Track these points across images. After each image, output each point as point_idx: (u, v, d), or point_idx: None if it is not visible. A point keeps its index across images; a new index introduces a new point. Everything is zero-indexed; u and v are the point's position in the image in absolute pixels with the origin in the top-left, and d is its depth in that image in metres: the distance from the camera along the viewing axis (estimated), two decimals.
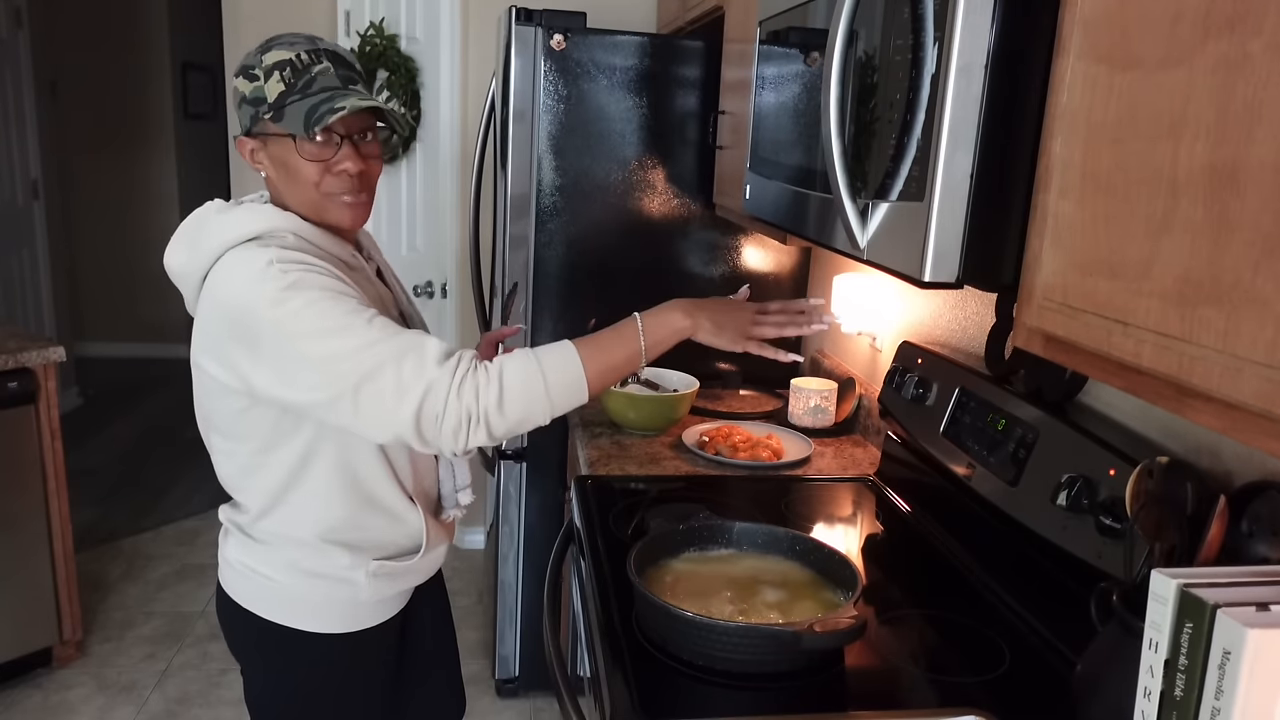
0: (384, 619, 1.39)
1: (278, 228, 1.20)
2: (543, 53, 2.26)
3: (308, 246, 1.22)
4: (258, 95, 1.20)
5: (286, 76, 1.19)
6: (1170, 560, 0.97)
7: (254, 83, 1.20)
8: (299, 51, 1.21)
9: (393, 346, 1.12)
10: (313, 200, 1.24)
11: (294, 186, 1.24)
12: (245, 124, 1.24)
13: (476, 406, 1.12)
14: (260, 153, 1.25)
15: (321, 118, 1.18)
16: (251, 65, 1.21)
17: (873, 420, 2.07)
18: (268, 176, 1.27)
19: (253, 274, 1.14)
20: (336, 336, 1.12)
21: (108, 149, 5.67)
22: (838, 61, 1.09)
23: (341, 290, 1.16)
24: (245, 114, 1.23)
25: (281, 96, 1.19)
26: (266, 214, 1.22)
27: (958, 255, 0.98)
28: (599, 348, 1.20)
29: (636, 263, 2.43)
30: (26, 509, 2.52)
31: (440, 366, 1.11)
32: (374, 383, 1.11)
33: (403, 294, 1.45)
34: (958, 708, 1.11)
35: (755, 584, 1.29)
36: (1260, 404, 0.65)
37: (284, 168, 1.23)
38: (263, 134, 1.23)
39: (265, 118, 1.21)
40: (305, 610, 1.32)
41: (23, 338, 2.61)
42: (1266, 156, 0.64)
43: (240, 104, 1.22)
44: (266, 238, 1.19)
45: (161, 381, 5.48)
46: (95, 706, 2.55)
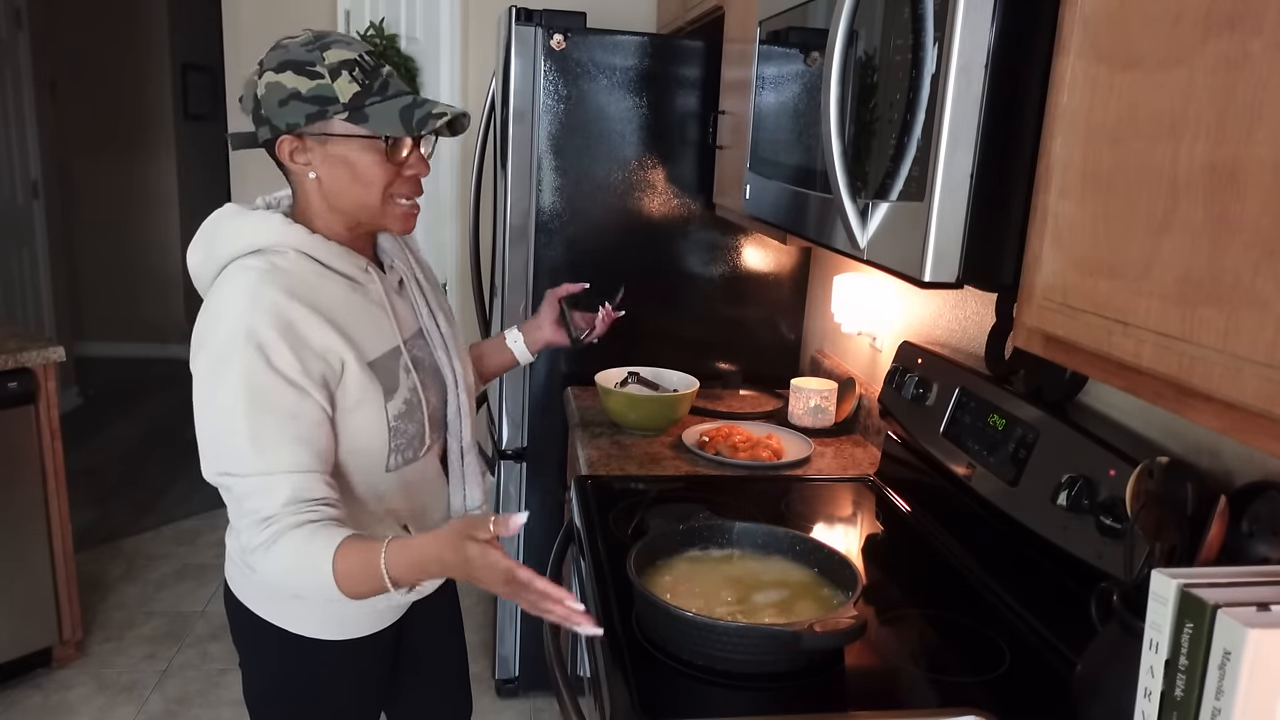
0: (375, 630, 1.38)
1: (280, 242, 1.19)
2: (543, 53, 2.26)
3: (307, 264, 1.20)
4: (323, 94, 1.16)
5: (359, 77, 1.17)
6: (1170, 560, 0.97)
7: (316, 80, 1.16)
8: (360, 52, 1.19)
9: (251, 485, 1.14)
10: (373, 204, 1.22)
11: (356, 188, 1.21)
12: (294, 121, 1.17)
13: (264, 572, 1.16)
14: (309, 153, 1.20)
15: (425, 121, 1.18)
16: (309, 62, 1.16)
17: (873, 420, 2.07)
18: (310, 178, 1.22)
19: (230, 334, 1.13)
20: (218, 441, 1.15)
21: (108, 149, 5.67)
22: (838, 61, 1.09)
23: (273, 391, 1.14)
24: (296, 111, 1.16)
25: (358, 97, 1.17)
26: (274, 225, 1.21)
27: (958, 255, 0.98)
28: (349, 578, 1.13)
29: (636, 263, 2.43)
30: (26, 509, 2.52)
31: (250, 529, 1.14)
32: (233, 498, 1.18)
33: (427, 304, 1.38)
34: (958, 708, 1.11)
35: (755, 584, 1.29)
36: (1260, 404, 0.65)
37: (347, 169, 1.20)
38: (323, 133, 1.18)
39: (336, 116, 1.17)
40: (295, 613, 1.32)
41: (23, 338, 2.61)
42: (1266, 156, 0.64)
43: (288, 100, 1.16)
44: (268, 251, 1.19)
45: (161, 381, 5.48)
46: (95, 706, 2.55)
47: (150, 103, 5.69)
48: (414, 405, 1.30)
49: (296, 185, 1.25)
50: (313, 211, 1.25)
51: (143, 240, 5.83)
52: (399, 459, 1.29)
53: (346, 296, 1.23)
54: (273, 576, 1.16)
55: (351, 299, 1.24)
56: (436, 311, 1.39)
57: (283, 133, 1.18)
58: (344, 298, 1.23)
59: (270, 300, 1.14)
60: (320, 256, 1.22)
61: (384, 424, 1.25)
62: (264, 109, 1.18)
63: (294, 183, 1.25)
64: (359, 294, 1.25)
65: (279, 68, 1.17)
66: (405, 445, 1.30)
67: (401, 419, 1.27)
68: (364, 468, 1.27)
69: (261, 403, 1.13)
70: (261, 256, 1.18)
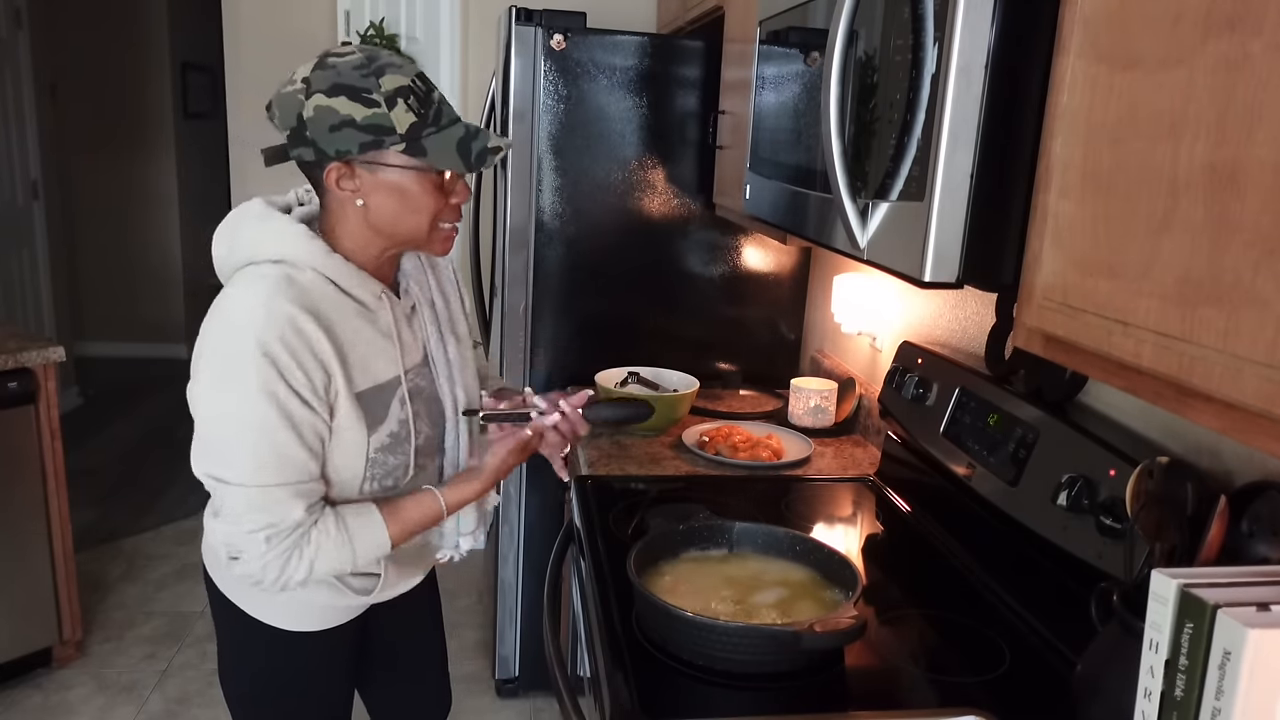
0: (332, 625, 1.38)
1: (300, 259, 1.18)
2: (543, 53, 2.26)
3: (322, 284, 1.19)
4: (380, 123, 1.13)
5: (414, 105, 1.15)
6: (1170, 560, 0.97)
7: (372, 109, 1.12)
8: (413, 77, 1.16)
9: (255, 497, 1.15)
10: (422, 231, 1.22)
11: (406, 216, 1.20)
12: (346, 149, 1.14)
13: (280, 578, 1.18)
14: (358, 179, 1.17)
15: (483, 156, 1.18)
16: (365, 89, 1.12)
17: (873, 420, 2.07)
18: (357, 205, 1.19)
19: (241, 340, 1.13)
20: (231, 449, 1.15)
21: (108, 149, 5.67)
22: (838, 61, 1.09)
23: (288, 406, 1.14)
24: (349, 139, 1.13)
25: (415, 128, 1.15)
26: (297, 240, 1.19)
27: (958, 255, 0.98)
28: (402, 520, 1.26)
29: (636, 263, 2.43)
30: (26, 509, 2.52)
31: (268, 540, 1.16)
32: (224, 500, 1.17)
33: (438, 331, 1.36)
34: (958, 708, 1.11)
35: (755, 584, 1.29)
36: (1260, 404, 0.65)
37: (398, 198, 1.18)
38: (377, 163, 1.16)
39: (392, 147, 1.15)
40: (256, 600, 1.34)
41: (23, 338, 2.61)
42: (1266, 156, 0.64)
43: (341, 127, 1.12)
44: (286, 264, 1.18)
45: (161, 381, 5.48)
46: (95, 706, 2.55)
47: (150, 102, 5.69)
48: (401, 439, 1.28)
49: (335, 206, 1.22)
50: (345, 230, 1.23)
51: (143, 240, 5.83)
52: (374, 486, 1.28)
53: (355, 323, 1.22)
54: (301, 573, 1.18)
55: (359, 326, 1.23)
56: (447, 338, 1.37)
57: (331, 159, 1.15)
58: (352, 324, 1.22)
59: (285, 313, 1.13)
60: (336, 279, 1.20)
61: (363, 455, 1.24)
62: (311, 131, 1.14)
63: (331, 203, 1.22)
64: (367, 321, 1.24)
65: (331, 91, 1.13)
66: (384, 475, 1.28)
67: (384, 451, 1.26)
68: (337, 490, 1.26)
69: (277, 418, 1.13)
70: (279, 267, 1.18)
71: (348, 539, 1.21)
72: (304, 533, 1.18)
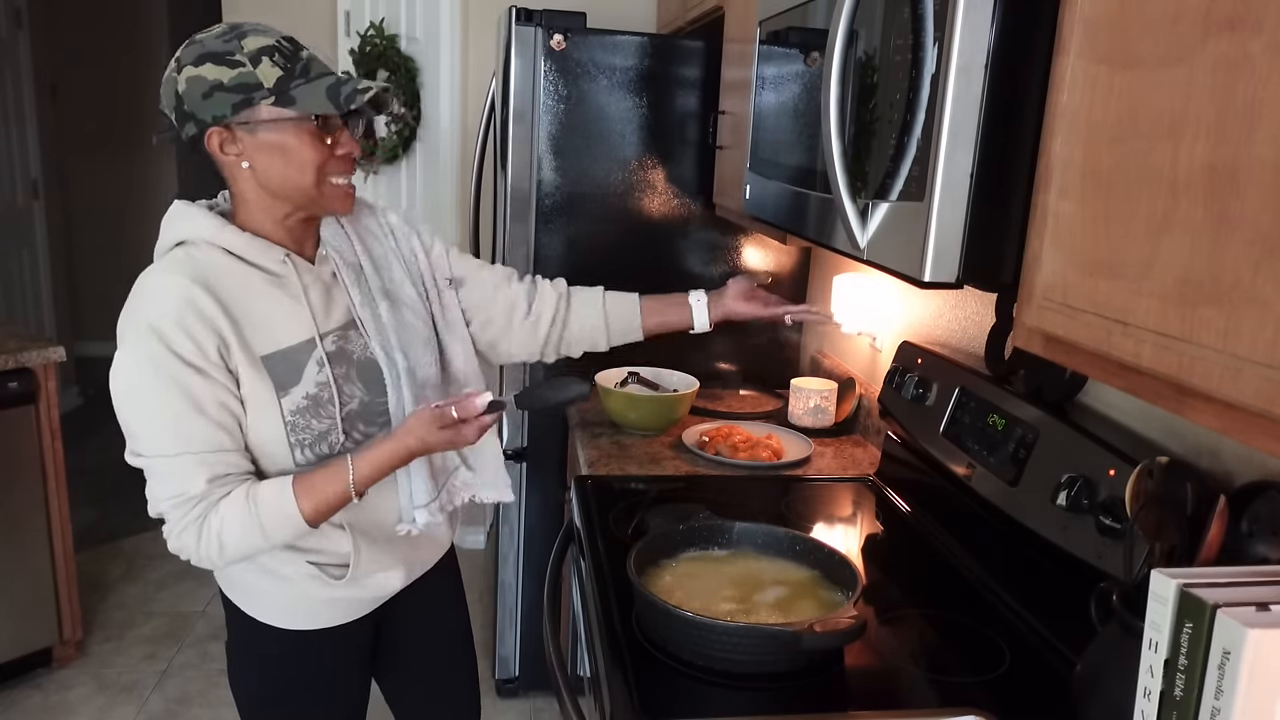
0: (338, 622, 1.37)
1: (198, 236, 1.23)
2: (543, 53, 2.26)
3: (218, 256, 1.22)
4: (247, 81, 1.15)
5: (280, 61, 1.17)
6: (1170, 560, 0.97)
7: (237, 69, 1.15)
8: (277, 38, 1.19)
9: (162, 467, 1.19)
10: (308, 186, 1.21)
11: (290, 172, 1.20)
12: (220, 112, 1.16)
13: (197, 552, 1.20)
14: (239, 143, 1.19)
15: (352, 96, 1.18)
16: (227, 52, 1.15)
17: (873, 420, 2.07)
18: (244, 168, 1.20)
19: (133, 324, 1.17)
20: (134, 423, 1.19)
21: (108, 149, 5.67)
22: (838, 61, 1.09)
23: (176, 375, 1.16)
24: (221, 102, 1.15)
25: (282, 80, 1.16)
26: (192, 218, 1.25)
27: (958, 255, 0.98)
28: (315, 492, 1.21)
29: (636, 263, 2.43)
30: (26, 509, 2.52)
31: (176, 509, 1.19)
32: (147, 475, 1.21)
33: (361, 295, 1.32)
34: (958, 708, 1.11)
35: (755, 584, 1.29)
36: (1260, 404, 0.65)
37: (279, 154, 1.19)
38: (251, 120, 1.17)
39: (262, 102, 1.16)
40: (255, 599, 1.36)
41: (23, 338, 2.61)
42: (1266, 156, 0.64)
43: (211, 92, 1.15)
44: (188, 244, 1.23)
45: None
46: (95, 706, 2.56)
47: (150, 102, 5.68)
48: (321, 401, 1.25)
49: (231, 178, 1.24)
50: (249, 203, 1.25)
51: (143, 240, 5.76)
52: (308, 454, 1.25)
53: (260, 289, 1.23)
54: (213, 549, 1.19)
55: (267, 291, 1.23)
56: (378, 301, 1.32)
57: (209, 125, 1.17)
58: (256, 289, 1.23)
59: (173, 286, 1.18)
60: (233, 248, 1.23)
61: (278, 417, 1.22)
62: (187, 104, 1.17)
63: (228, 175, 1.24)
64: (276, 286, 1.24)
65: (197, 61, 1.16)
66: (313, 441, 1.25)
67: (302, 414, 1.23)
68: (265, 458, 1.25)
69: (167, 387, 1.16)
70: (181, 248, 1.24)
71: (254, 510, 1.18)
72: (210, 504, 1.18)
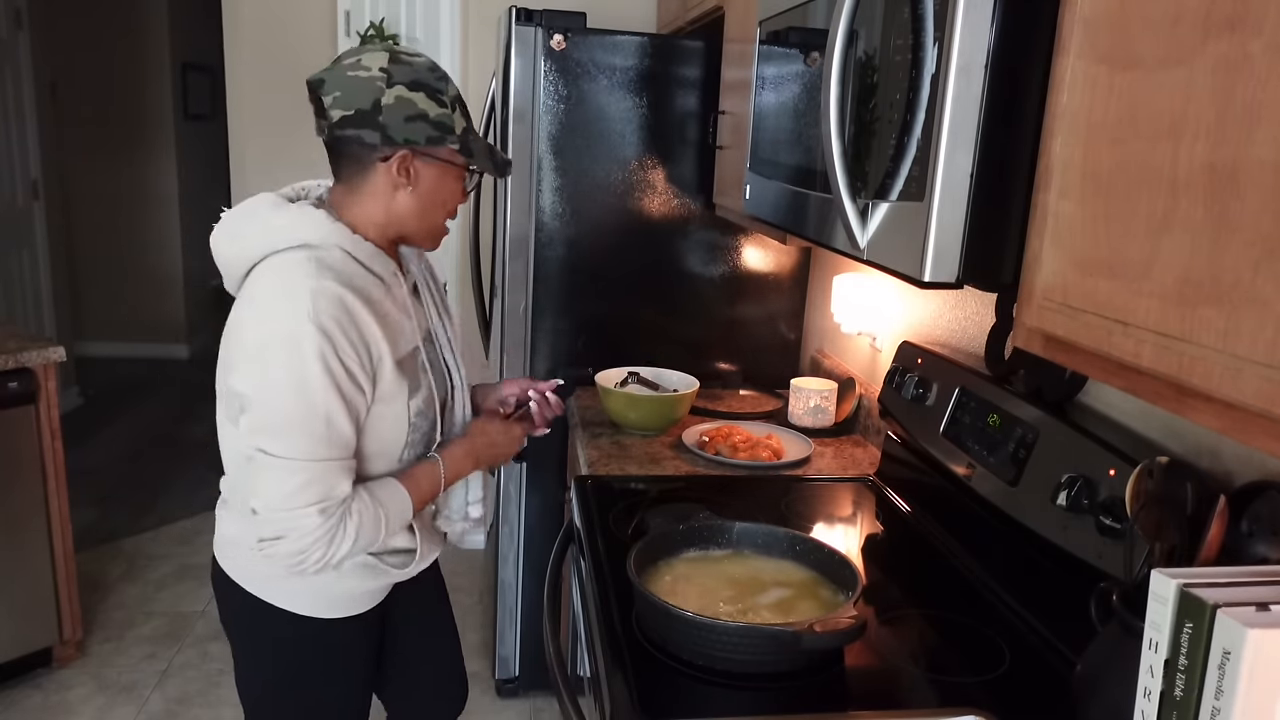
0: (359, 611, 1.42)
1: (326, 240, 1.25)
2: (543, 53, 2.26)
3: (350, 263, 1.26)
4: (444, 121, 1.27)
5: (465, 114, 1.31)
6: (1170, 560, 0.97)
7: (441, 108, 1.26)
8: (458, 91, 1.31)
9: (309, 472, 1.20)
10: (434, 226, 1.35)
11: (435, 209, 1.33)
12: (414, 139, 1.25)
13: (325, 554, 1.23)
14: (411, 169, 1.28)
15: (504, 166, 1.36)
16: (439, 90, 1.26)
17: (873, 420, 2.07)
18: (403, 191, 1.29)
19: (295, 319, 1.18)
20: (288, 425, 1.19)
21: (108, 149, 5.67)
22: (838, 61, 1.09)
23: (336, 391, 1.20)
24: (419, 131, 1.25)
25: (465, 133, 1.30)
26: (319, 222, 1.25)
27: (958, 255, 0.98)
28: (419, 490, 1.34)
29: (636, 263, 2.43)
30: (26, 509, 2.52)
31: (320, 514, 1.20)
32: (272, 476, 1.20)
33: (436, 307, 1.47)
34: (958, 708, 1.11)
35: (755, 584, 1.29)
36: (1260, 404, 0.65)
37: (436, 192, 1.31)
38: (433, 155, 1.28)
39: (450, 145, 1.29)
40: (282, 589, 1.36)
41: (23, 338, 2.61)
42: (1266, 156, 0.64)
43: (416, 119, 1.24)
44: (316, 247, 1.24)
45: (161, 381, 5.48)
46: (95, 706, 2.56)
47: (150, 103, 5.69)
48: (429, 403, 1.37)
49: (369, 189, 1.29)
50: (362, 213, 1.30)
51: (142, 240, 5.83)
52: (411, 453, 1.37)
53: (380, 297, 1.29)
54: (343, 549, 1.23)
55: (384, 299, 1.29)
56: (443, 314, 1.48)
57: (399, 146, 1.25)
58: (380, 298, 1.28)
59: (330, 290, 1.19)
60: (361, 257, 1.27)
61: (405, 420, 1.32)
62: (385, 117, 1.23)
63: (365, 186, 1.29)
64: (386, 295, 1.31)
65: (412, 86, 1.24)
66: (418, 441, 1.37)
67: (420, 416, 1.35)
68: (379, 459, 1.32)
69: (332, 393, 1.19)
70: (306, 250, 1.23)
71: (381, 509, 1.27)
72: (347, 507, 1.23)
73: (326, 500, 1.20)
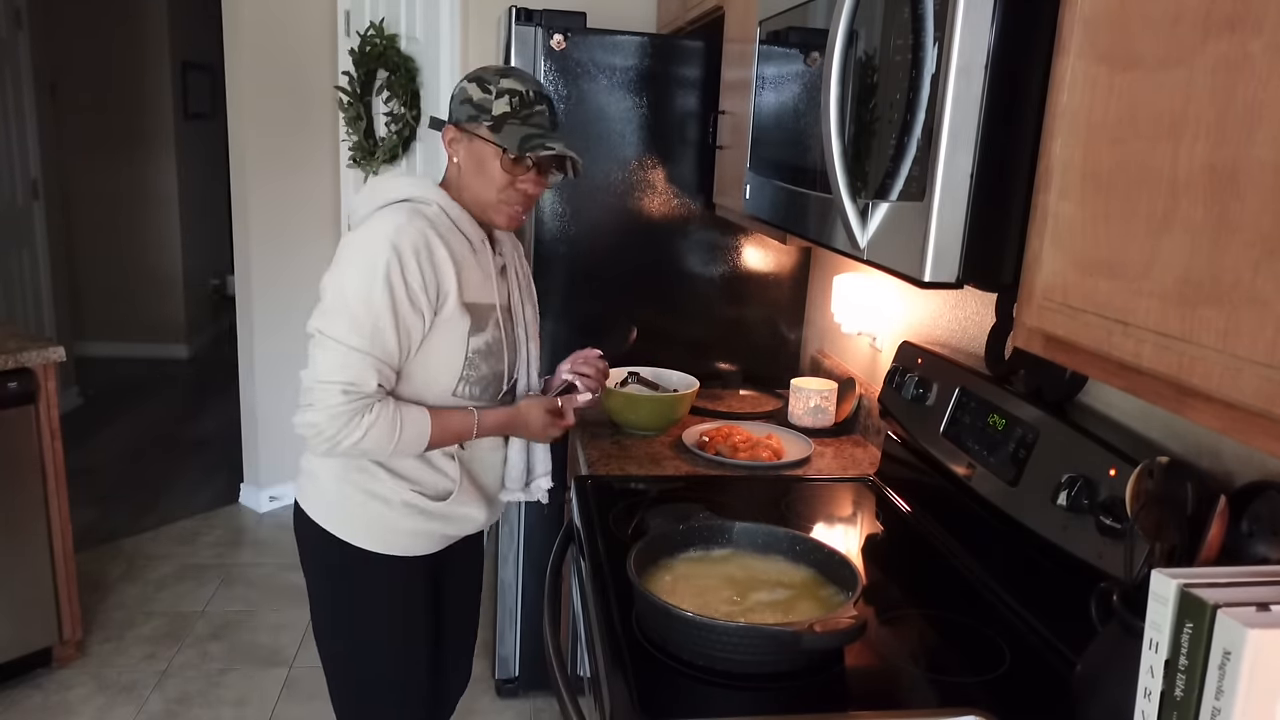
0: (415, 553, 1.57)
1: (426, 196, 1.49)
2: (543, 53, 2.26)
3: (443, 218, 1.48)
4: (484, 105, 1.47)
5: (514, 104, 1.47)
6: (1170, 560, 0.97)
7: (485, 94, 1.47)
8: (529, 89, 1.48)
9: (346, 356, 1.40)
10: (485, 199, 1.51)
11: (479, 180, 1.50)
12: (458, 116, 1.50)
13: (333, 436, 1.40)
14: (459, 144, 1.51)
15: (534, 147, 1.46)
16: (488, 80, 1.48)
17: (873, 420, 2.07)
18: (454, 162, 1.52)
19: (378, 238, 1.40)
20: (343, 311, 1.40)
21: (108, 149, 5.67)
22: (838, 61, 1.09)
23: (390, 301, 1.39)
24: (463, 110, 1.49)
25: (504, 116, 1.46)
26: (424, 184, 1.51)
27: (958, 255, 0.98)
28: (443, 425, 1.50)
29: (636, 263, 2.43)
30: (26, 509, 2.52)
31: (344, 394, 1.39)
32: (319, 353, 1.42)
33: (520, 292, 1.64)
34: (958, 708, 1.11)
35: (755, 584, 1.29)
36: (1260, 404, 0.65)
37: (479, 165, 1.49)
38: (472, 133, 1.48)
39: (484, 124, 1.47)
40: (348, 521, 1.53)
41: (23, 338, 2.61)
42: (1266, 157, 0.64)
43: (463, 101, 1.48)
44: (416, 201, 1.47)
45: (161, 381, 5.48)
46: (95, 706, 2.56)
47: (150, 103, 5.69)
48: (494, 353, 1.54)
49: (448, 163, 1.55)
50: (454, 185, 1.54)
51: (142, 240, 5.83)
52: (466, 389, 1.52)
53: (465, 252, 1.50)
54: (351, 439, 1.40)
55: (470, 255, 1.50)
56: (525, 301, 1.66)
57: (448, 122, 1.53)
58: (464, 251, 1.49)
59: (416, 228, 1.42)
60: (453, 216, 1.50)
61: (463, 351, 1.49)
62: (452, 104, 1.52)
63: (450, 161, 1.55)
64: (473, 255, 1.51)
65: (470, 79, 1.50)
66: (476, 380, 1.53)
67: (479, 355, 1.51)
68: (432, 386, 1.50)
69: (385, 296, 1.39)
70: (408, 204, 1.47)
71: (399, 421, 1.43)
72: (370, 403, 1.41)
73: (352, 386, 1.39)
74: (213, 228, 6.11)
